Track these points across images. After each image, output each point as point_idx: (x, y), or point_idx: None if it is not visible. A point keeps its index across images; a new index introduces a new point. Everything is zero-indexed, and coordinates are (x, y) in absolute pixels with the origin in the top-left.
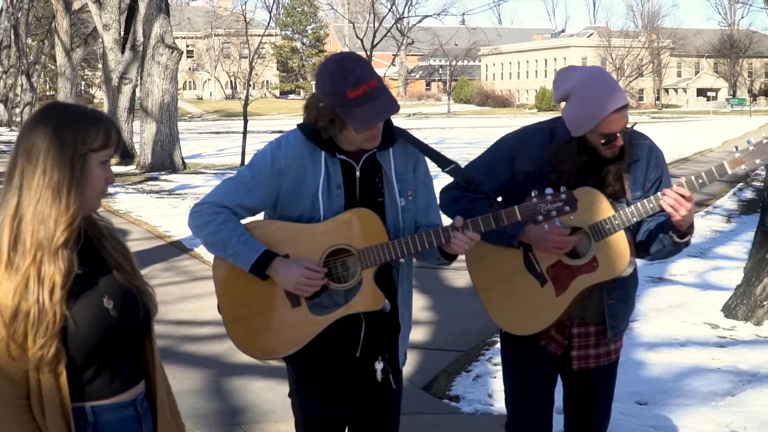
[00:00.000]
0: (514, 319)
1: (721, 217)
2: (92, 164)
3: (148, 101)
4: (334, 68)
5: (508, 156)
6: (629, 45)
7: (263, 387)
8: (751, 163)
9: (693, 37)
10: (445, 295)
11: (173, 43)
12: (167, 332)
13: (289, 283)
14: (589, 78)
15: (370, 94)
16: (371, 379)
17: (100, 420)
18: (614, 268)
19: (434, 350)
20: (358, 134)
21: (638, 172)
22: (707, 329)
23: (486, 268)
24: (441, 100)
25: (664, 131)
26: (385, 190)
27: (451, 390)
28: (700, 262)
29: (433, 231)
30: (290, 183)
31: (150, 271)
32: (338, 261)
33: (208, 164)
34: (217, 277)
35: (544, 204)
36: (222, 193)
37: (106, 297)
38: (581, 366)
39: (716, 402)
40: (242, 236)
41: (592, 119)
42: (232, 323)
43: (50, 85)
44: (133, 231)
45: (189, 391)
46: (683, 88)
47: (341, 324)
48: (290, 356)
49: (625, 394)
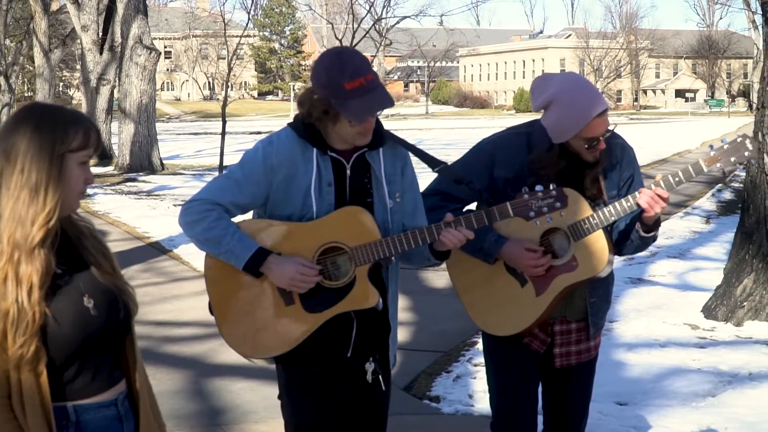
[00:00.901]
0: (495, 320)
1: (700, 218)
2: (71, 164)
3: (126, 102)
4: (331, 60)
5: (487, 162)
6: (607, 46)
7: (244, 388)
8: (726, 162)
9: (671, 38)
10: (426, 296)
11: (151, 43)
12: (147, 333)
13: (284, 280)
14: (568, 85)
15: (366, 87)
16: (361, 380)
17: (82, 419)
18: (593, 267)
19: (414, 351)
20: (351, 127)
21: (613, 172)
22: (687, 330)
23: (466, 270)
24: (419, 101)
25: (642, 132)
26: (374, 190)
27: (432, 391)
28: (680, 263)
29: (426, 228)
30: (281, 180)
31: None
32: (331, 259)
33: (187, 165)
34: (209, 276)
35: (535, 201)
36: (213, 190)
37: (86, 296)
38: (563, 363)
39: (697, 403)
40: (236, 234)
41: (575, 126)
42: (225, 322)
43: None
44: (112, 232)
45: (169, 391)
46: (661, 90)
47: (333, 324)
48: (281, 357)
49: (604, 394)
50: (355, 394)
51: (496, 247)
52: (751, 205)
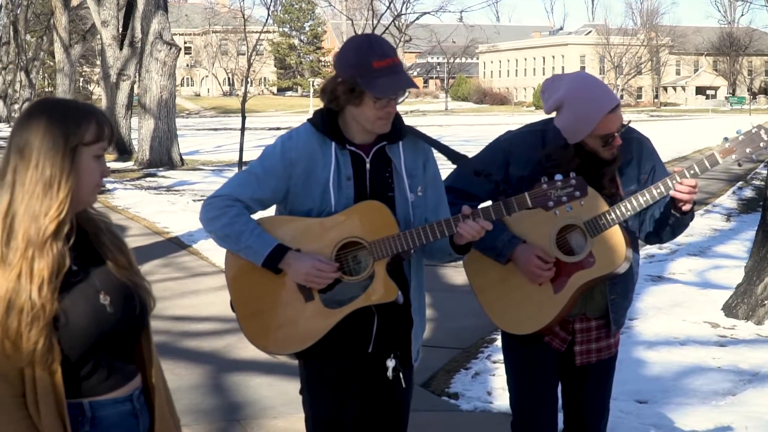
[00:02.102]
0: (514, 319)
1: (721, 216)
2: (86, 158)
3: (146, 98)
4: (361, 41)
5: (502, 159)
6: (628, 43)
7: (262, 383)
8: (741, 152)
9: (692, 35)
10: (444, 292)
11: (171, 39)
12: (166, 328)
13: (301, 276)
14: (577, 85)
15: (394, 68)
16: (382, 376)
17: (98, 415)
18: (611, 262)
19: (433, 347)
20: (375, 109)
21: (630, 167)
22: (707, 328)
23: (483, 269)
24: (438, 98)
25: (662, 130)
26: (395, 184)
27: (450, 387)
28: (700, 261)
29: (444, 220)
30: (300, 174)
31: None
32: (350, 254)
33: (206, 161)
34: (230, 273)
35: (555, 190)
36: (234, 186)
37: (102, 293)
38: (584, 361)
39: (717, 401)
40: (255, 230)
41: (589, 124)
42: (245, 319)
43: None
44: (132, 227)
45: (188, 386)
46: (682, 87)
47: (353, 319)
48: (302, 353)
49: (625, 392)
50: (375, 391)
51: (509, 247)
52: None
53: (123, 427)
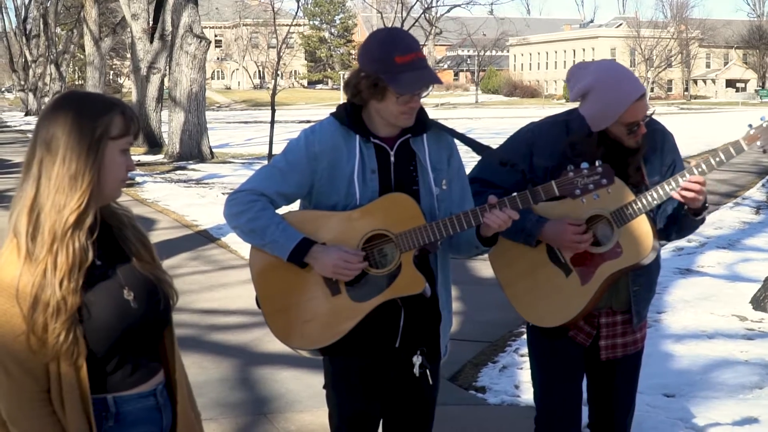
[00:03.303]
0: (541, 312)
1: (750, 209)
2: (113, 152)
3: (176, 91)
4: (385, 35)
5: (526, 150)
6: (658, 36)
7: (289, 377)
8: (766, 139)
9: (722, 28)
10: (471, 285)
11: (201, 32)
12: (194, 321)
13: (328, 268)
14: (604, 73)
15: (417, 63)
16: (408, 373)
17: (122, 410)
18: (638, 252)
19: (460, 341)
20: (398, 104)
21: (655, 158)
22: (735, 321)
23: (509, 263)
24: (469, 90)
25: (692, 122)
26: (419, 178)
27: (478, 381)
28: (729, 254)
29: (471, 210)
30: (325, 168)
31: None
32: (376, 247)
33: (236, 154)
34: (255, 269)
35: (581, 178)
36: (258, 180)
37: (126, 288)
38: (609, 356)
39: (744, 395)
40: (280, 224)
41: (616, 111)
42: (272, 315)
43: (79, 74)
44: (161, 220)
45: (215, 380)
46: (712, 79)
47: (380, 313)
48: (329, 349)
49: (652, 386)
50: (402, 388)
51: (538, 226)
52: None
53: (147, 422)
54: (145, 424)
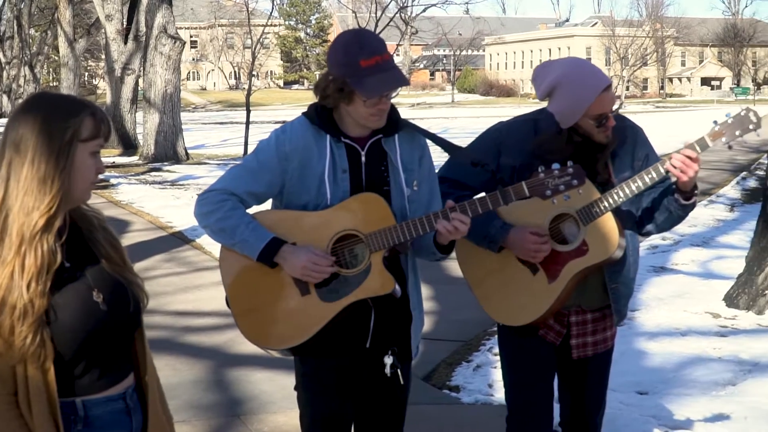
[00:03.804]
0: (509, 311)
1: (725, 206)
2: (83, 155)
3: (151, 92)
4: (350, 38)
5: (494, 150)
6: (633, 34)
7: (263, 378)
8: (730, 135)
9: (697, 26)
10: (446, 285)
11: (176, 33)
12: (167, 323)
13: (297, 270)
14: (569, 68)
15: (382, 66)
16: (379, 373)
17: (91, 414)
18: (604, 250)
19: (435, 340)
20: (365, 107)
21: (624, 153)
22: (709, 318)
23: (477, 262)
24: (445, 90)
25: (668, 120)
26: (390, 178)
27: (452, 380)
28: (703, 251)
29: (441, 211)
30: (296, 168)
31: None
32: (346, 247)
33: (212, 155)
34: (225, 269)
35: (552, 179)
36: (229, 180)
37: (95, 290)
38: (580, 354)
39: (717, 391)
40: (250, 224)
41: (583, 104)
42: (242, 315)
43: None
44: (135, 222)
45: (188, 382)
46: (687, 78)
47: (351, 314)
48: (299, 349)
49: (625, 383)
50: (373, 388)
51: (501, 233)
52: None
53: (116, 425)
54: (114, 427)
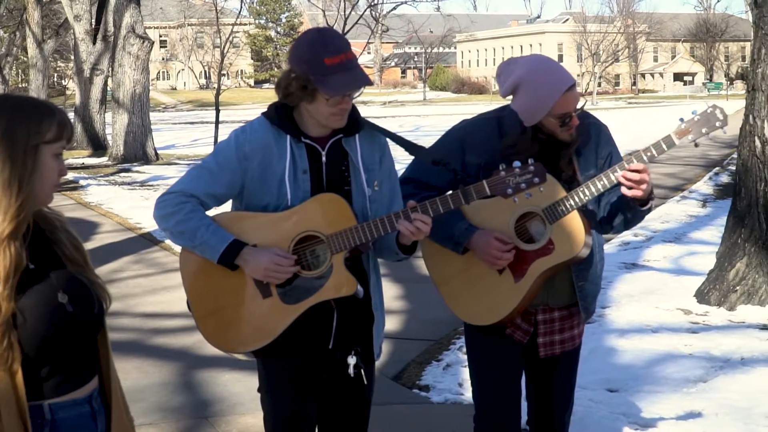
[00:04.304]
0: (475, 310)
1: (697, 202)
2: (46, 157)
3: (120, 92)
4: (314, 36)
5: (458, 148)
6: (605, 30)
7: (231, 379)
8: (697, 132)
9: (669, 22)
10: (417, 284)
11: (144, 33)
12: (136, 325)
13: (259, 271)
14: (534, 65)
15: (346, 64)
16: (343, 374)
17: (58, 417)
18: (571, 248)
19: (405, 340)
20: (328, 106)
21: (588, 151)
22: (680, 315)
23: (443, 262)
24: (417, 88)
25: (640, 117)
26: (351, 178)
27: (422, 380)
28: (675, 247)
29: (402, 211)
30: (256, 168)
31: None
32: (307, 248)
33: (182, 155)
34: (186, 271)
35: (513, 177)
36: (188, 181)
37: (60, 292)
38: (548, 353)
39: (688, 388)
40: (210, 226)
41: (546, 104)
42: (203, 318)
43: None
44: (104, 223)
45: (156, 384)
46: (660, 73)
47: (313, 315)
48: (261, 351)
49: (595, 381)
50: (337, 389)
51: (466, 235)
52: (743, 188)
53: (82, 429)
54: (80, 431)
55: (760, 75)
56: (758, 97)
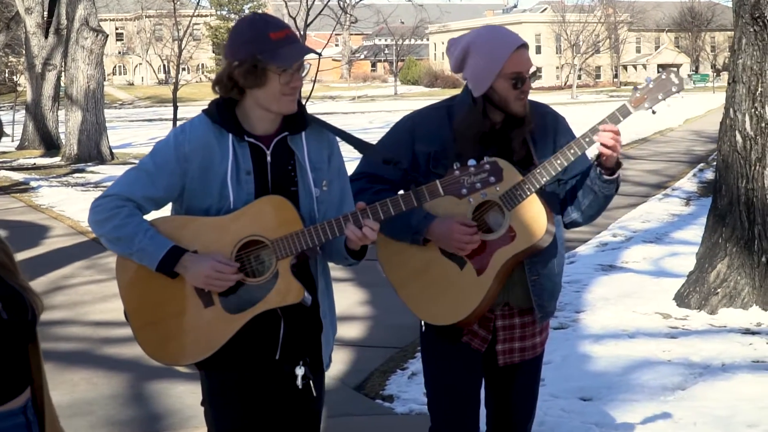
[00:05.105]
0: (438, 309)
1: (680, 200)
2: None
3: (73, 88)
4: (253, 18)
5: (408, 138)
6: (585, 20)
7: (185, 391)
8: (653, 99)
9: (652, 11)
10: (381, 288)
11: (98, 25)
12: (86, 334)
13: (199, 279)
14: (481, 30)
15: (292, 38)
16: (291, 385)
17: None
18: (532, 234)
19: (368, 347)
20: (280, 84)
21: (546, 138)
22: (658, 319)
23: (401, 263)
24: (387, 82)
25: None
26: (298, 178)
27: (385, 389)
28: (656, 248)
29: (351, 213)
30: (196, 170)
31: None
32: (252, 254)
33: (138, 154)
34: (122, 280)
35: (468, 176)
36: (124, 184)
37: None
38: (507, 361)
39: (665, 396)
40: (148, 231)
41: (497, 61)
42: (141, 329)
43: None
44: (55, 227)
45: (106, 396)
46: (643, 65)
47: (258, 324)
48: (204, 363)
49: (567, 389)
50: (285, 401)
51: (425, 223)
52: (724, 185)
53: None
54: None
55: (740, 66)
56: (739, 90)
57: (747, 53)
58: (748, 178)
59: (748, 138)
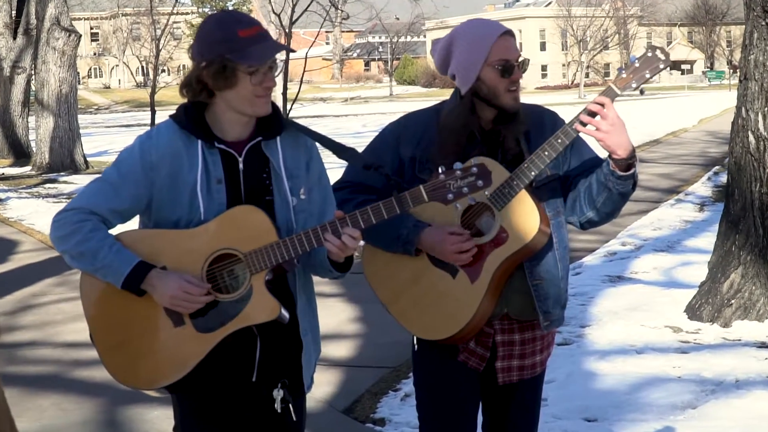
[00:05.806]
0: (431, 323)
1: (694, 206)
2: None
3: (44, 92)
4: (221, 16)
5: (393, 142)
6: (592, 14)
7: (160, 416)
8: (639, 78)
9: (663, 4)
10: (373, 304)
11: (70, 25)
12: (56, 356)
13: (166, 299)
14: (462, 25)
15: (263, 35)
16: (269, 409)
17: None
18: (525, 233)
19: (359, 368)
20: (251, 85)
21: (543, 136)
22: (668, 333)
23: (389, 277)
24: (382, 82)
25: (633, 110)
26: (274, 187)
27: (377, 412)
28: (667, 257)
29: (329, 223)
30: (164, 179)
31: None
32: (224, 268)
33: None
34: (86, 298)
35: (454, 180)
36: (88, 197)
37: None
38: (506, 379)
39: (675, 416)
40: (114, 246)
41: (483, 48)
42: (107, 351)
43: None
44: (24, 242)
45: (77, 423)
46: None
47: (233, 343)
48: (176, 386)
49: (571, 409)
50: (263, 426)
51: (415, 232)
52: (737, 189)
53: None
54: None
55: (752, 62)
56: (751, 87)
57: (759, 48)
58: (762, 181)
59: (762, 138)
